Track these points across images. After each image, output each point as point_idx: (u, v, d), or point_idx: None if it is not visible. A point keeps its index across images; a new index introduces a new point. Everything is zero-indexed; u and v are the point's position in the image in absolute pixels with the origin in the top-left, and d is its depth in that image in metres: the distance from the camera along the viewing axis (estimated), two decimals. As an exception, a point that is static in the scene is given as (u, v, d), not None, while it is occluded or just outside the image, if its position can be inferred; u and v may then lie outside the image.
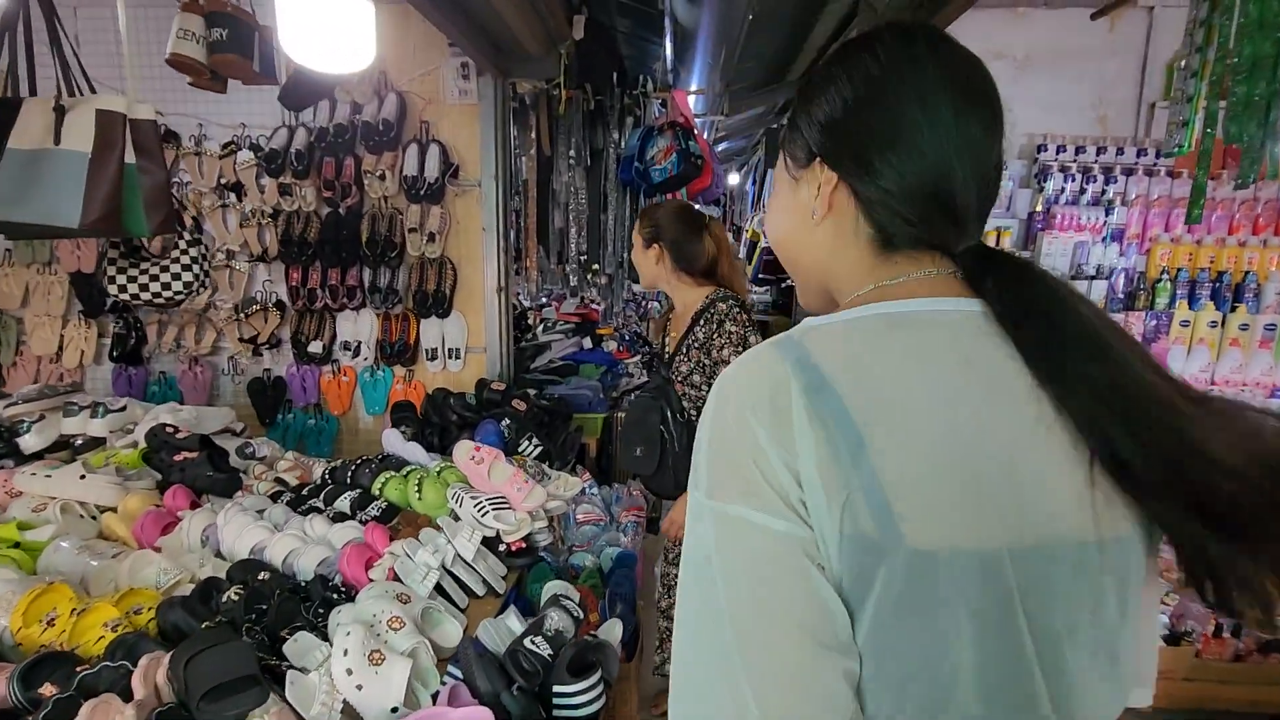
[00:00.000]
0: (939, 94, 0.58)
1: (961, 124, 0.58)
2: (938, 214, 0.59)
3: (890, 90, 0.59)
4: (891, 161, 0.59)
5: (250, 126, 3.12)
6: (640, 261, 2.04)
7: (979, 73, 0.61)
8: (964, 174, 0.58)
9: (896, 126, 0.58)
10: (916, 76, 0.59)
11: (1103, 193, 2.74)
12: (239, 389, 3.34)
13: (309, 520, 1.70)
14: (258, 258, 3.15)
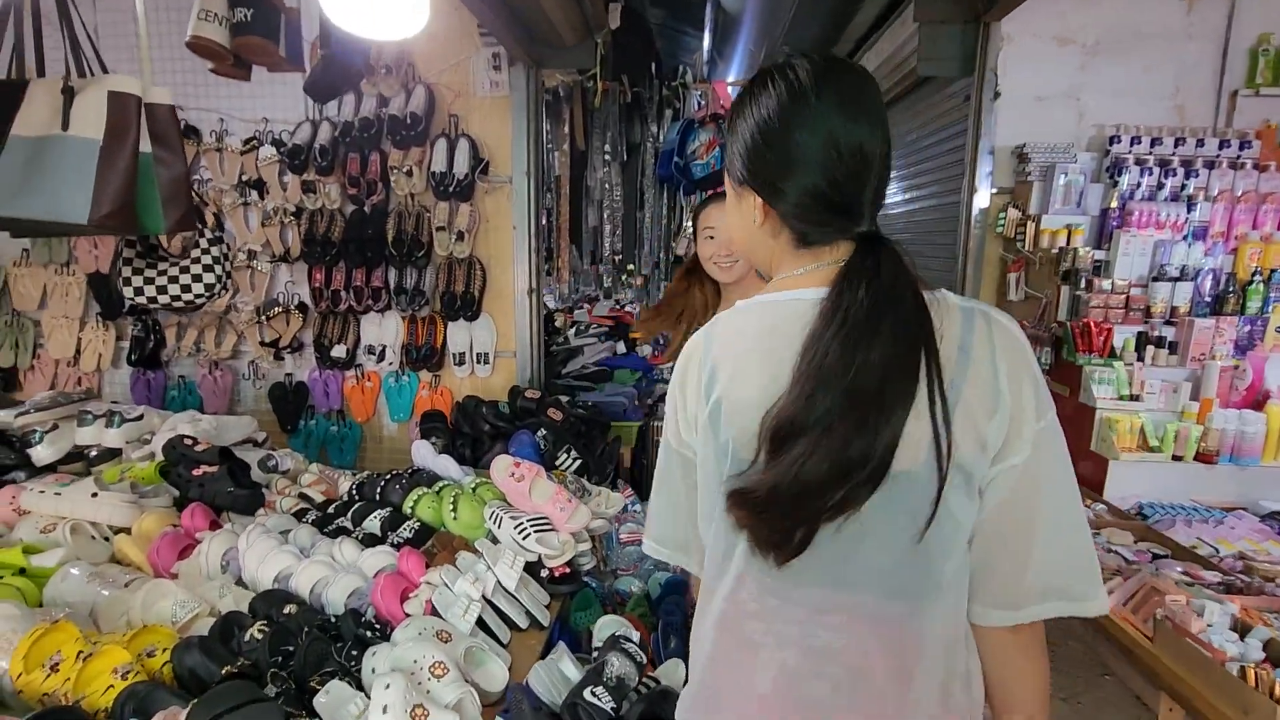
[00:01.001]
0: (822, 119, 0.75)
1: (845, 138, 0.74)
2: (834, 214, 0.78)
3: (785, 125, 0.76)
4: (792, 183, 0.77)
5: (273, 121, 2.99)
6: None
7: (858, 89, 0.77)
8: (850, 175, 0.76)
9: (790, 155, 0.76)
10: (804, 110, 0.75)
11: (1182, 187, 2.53)
12: (260, 394, 3.22)
13: (338, 544, 1.55)
14: (280, 258, 3.02)
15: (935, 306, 0.74)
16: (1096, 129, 2.75)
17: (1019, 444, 0.72)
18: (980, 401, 0.72)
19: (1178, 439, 2.14)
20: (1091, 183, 2.63)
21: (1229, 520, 1.94)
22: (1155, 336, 2.29)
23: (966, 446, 0.72)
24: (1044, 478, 0.74)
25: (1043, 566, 0.75)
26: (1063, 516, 0.75)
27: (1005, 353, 0.73)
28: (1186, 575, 1.59)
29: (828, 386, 0.70)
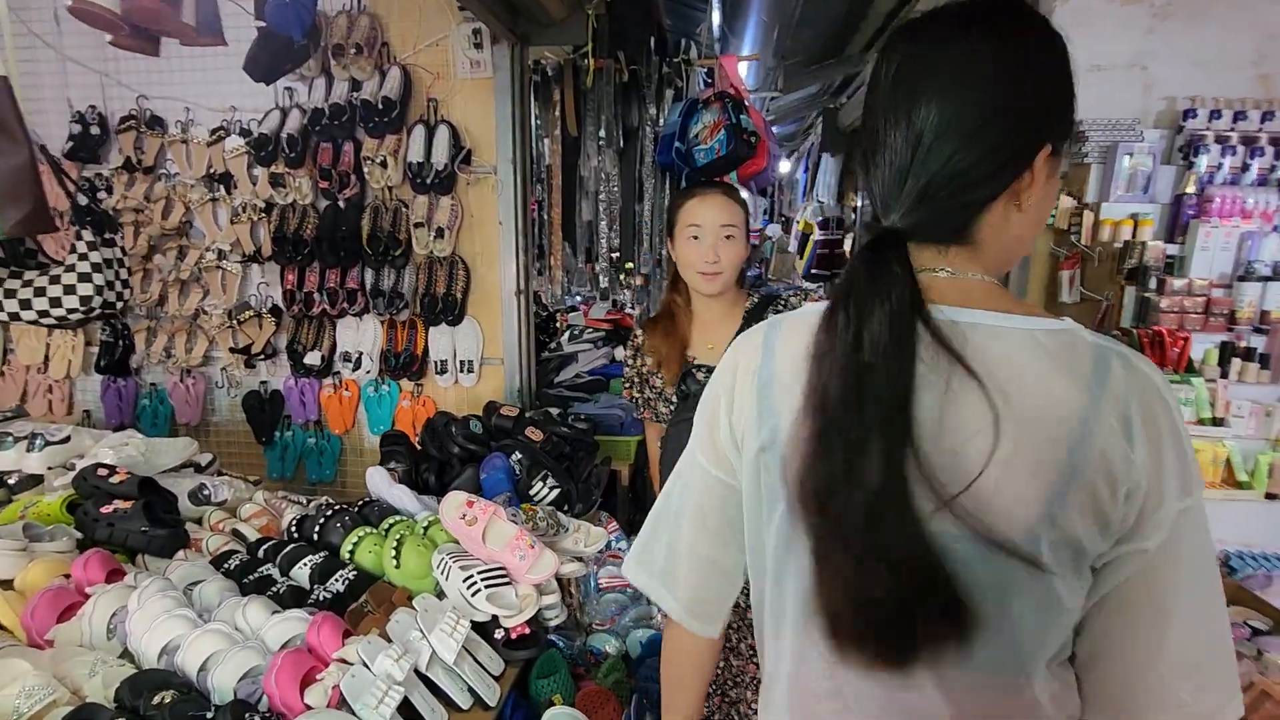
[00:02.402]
0: (881, 103, 0.66)
1: (887, 125, 0.65)
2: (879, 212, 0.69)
3: (867, 115, 0.69)
4: (870, 171, 0.68)
5: (242, 110, 2.77)
6: (742, 258, 1.59)
7: (903, 61, 0.65)
8: (890, 166, 0.66)
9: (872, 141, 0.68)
10: (877, 93, 0.67)
11: (1272, 169, 2.15)
12: (234, 403, 3.01)
13: (245, 606, 1.30)
14: (250, 257, 2.80)
15: (1051, 340, 0.61)
16: (1167, 102, 2.36)
17: (1153, 526, 0.60)
18: (1105, 469, 0.58)
19: (1272, 473, 1.77)
20: (1161, 165, 2.25)
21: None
22: (1243, 347, 1.92)
23: (1083, 519, 0.59)
24: (1180, 568, 0.61)
25: (1167, 671, 0.62)
26: (1198, 612, 0.62)
27: (1145, 412, 0.59)
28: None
29: (836, 450, 0.60)
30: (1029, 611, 0.62)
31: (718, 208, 1.57)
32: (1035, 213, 0.66)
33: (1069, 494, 0.58)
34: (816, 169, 7.15)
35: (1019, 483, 0.59)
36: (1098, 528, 0.59)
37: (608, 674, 1.52)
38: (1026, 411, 0.59)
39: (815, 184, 7.27)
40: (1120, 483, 0.58)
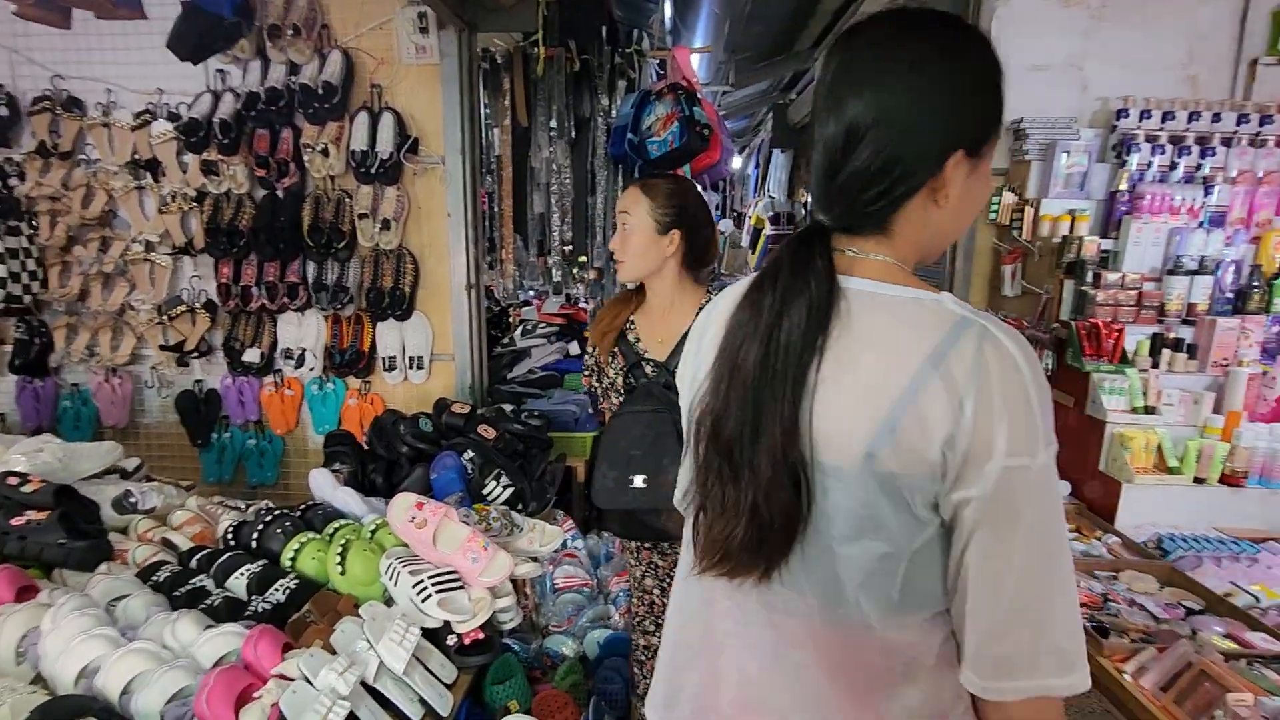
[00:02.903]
0: (817, 105, 0.74)
1: (818, 125, 0.73)
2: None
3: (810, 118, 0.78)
4: (808, 169, 0.82)
5: (169, 93, 2.61)
6: (646, 250, 1.53)
7: (835, 71, 0.72)
8: (816, 164, 0.74)
9: (810, 141, 0.82)
10: (816, 97, 0.74)
11: (1198, 167, 2.25)
12: (166, 404, 2.85)
13: (174, 621, 1.22)
14: (181, 249, 2.65)
15: (919, 309, 0.69)
16: (1101, 102, 2.45)
17: (976, 476, 0.65)
18: (934, 419, 0.65)
19: (1200, 458, 1.86)
20: (1097, 163, 2.33)
21: (1263, 557, 1.67)
22: (1172, 339, 2.01)
23: (903, 460, 0.66)
24: (1012, 525, 0.65)
25: (1005, 631, 0.67)
26: (1035, 576, 0.66)
27: (985, 378, 0.64)
28: (1232, 640, 1.32)
29: (739, 379, 0.72)
30: (858, 543, 0.70)
31: (625, 197, 1.58)
32: (955, 210, 0.73)
33: (888, 438, 0.66)
34: (767, 164, 7.22)
35: (852, 424, 0.68)
36: (918, 471, 0.66)
37: (565, 676, 1.49)
38: (872, 365, 0.68)
39: (766, 179, 7.35)
40: (939, 435, 0.65)
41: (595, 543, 2.04)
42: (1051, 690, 0.66)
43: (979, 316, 0.67)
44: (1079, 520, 1.98)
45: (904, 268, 0.73)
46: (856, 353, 0.69)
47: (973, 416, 0.64)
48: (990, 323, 0.67)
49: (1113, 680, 1.27)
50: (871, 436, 0.67)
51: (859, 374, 0.68)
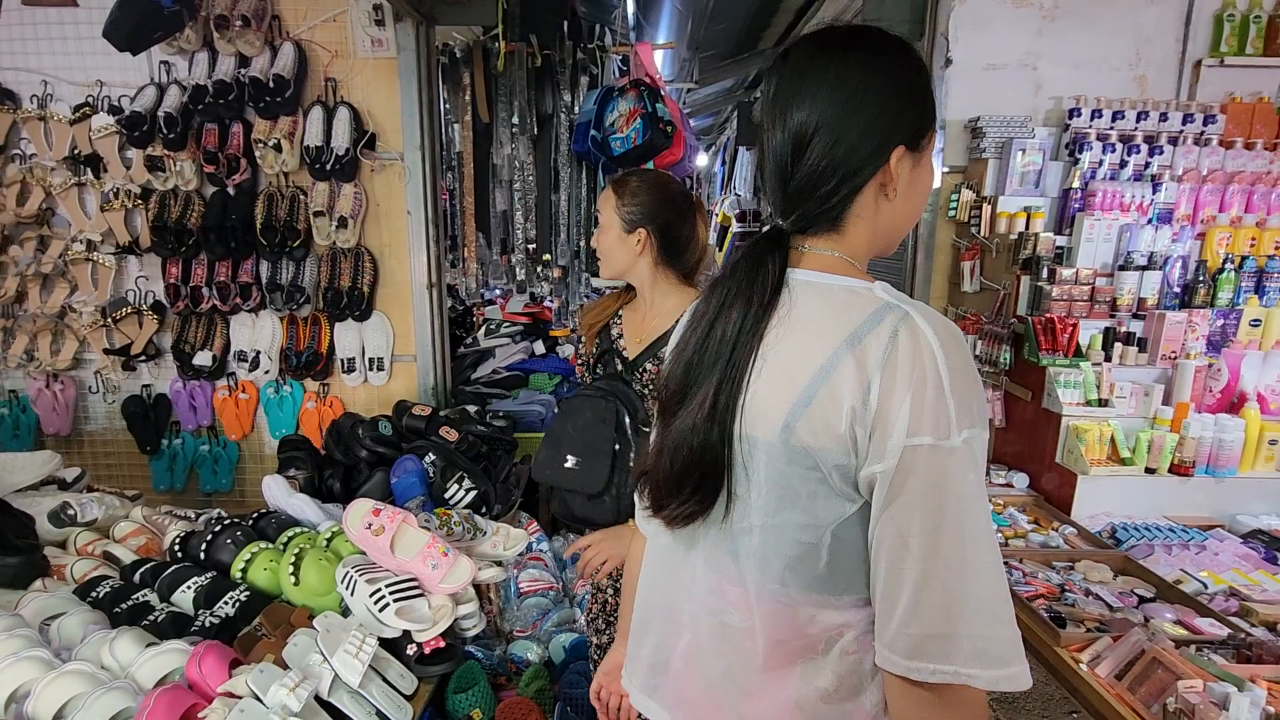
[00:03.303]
0: (764, 120, 0.79)
1: (767, 137, 0.78)
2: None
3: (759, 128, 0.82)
4: (761, 175, 0.83)
5: (110, 85, 2.51)
6: (613, 249, 1.51)
7: (775, 87, 0.78)
8: (770, 173, 0.79)
9: (760, 149, 0.81)
10: (764, 108, 0.80)
11: (1146, 165, 2.31)
12: (112, 410, 2.74)
13: (113, 640, 1.16)
14: (125, 249, 2.54)
15: (850, 296, 0.74)
16: (1054, 101, 2.50)
17: (879, 452, 0.68)
18: (843, 395, 0.69)
19: (1151, 449, 1.91)
20: (1051, 160, 2.38)
21: (1210, 544, 1.72)
22: (1123, 332, 2.06)
23: (816, 434, 0.71)
24: (916, 504, 0.67)
25: (915, 610, 0.67)
26: (943, 558, 0.66)
27: (894, 358, 0.68)
28: (1181, 626, 1.35)
29: (682, 365, 0.80)
30: (779, 514, 0.74)
31: (601, 193, 1.57)
32: (904, 202, 0.78)
33: (802, 413, 0.71)
34: (733, 162, 7.25)
35: (775, 401, 0.73)
36: (829, 446, 0.70)
37: (530, 682, 1.47)
38: (798, 347, 0.73)
39: (733, 177, 7.38)
40: (846, 411, 0.69)
41: (561, 545, 2.01)
42: (972, 680, 0.65)
43: (905, 304, 0.71)
44: (1037, 511, 2.02)
45: (851, 261, 0.78)
46: (788, 337, 0.74)
47: (878, 394, 0.67)
48: (915, 309, 0.70)
49: (1070, 670, 1.29)
50: (788, 411, 0.72)
51: (786, 356, 0.74)
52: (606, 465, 1.42)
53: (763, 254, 0.78)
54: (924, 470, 0.66)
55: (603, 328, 1.63)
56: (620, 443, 1.43)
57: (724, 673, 0.80)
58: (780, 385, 0.73)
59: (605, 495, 1.44)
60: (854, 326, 0.70)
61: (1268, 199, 2.25)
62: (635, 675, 0.92)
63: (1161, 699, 1.08)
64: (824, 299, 0.74)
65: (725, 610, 0.80)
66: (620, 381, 1.49)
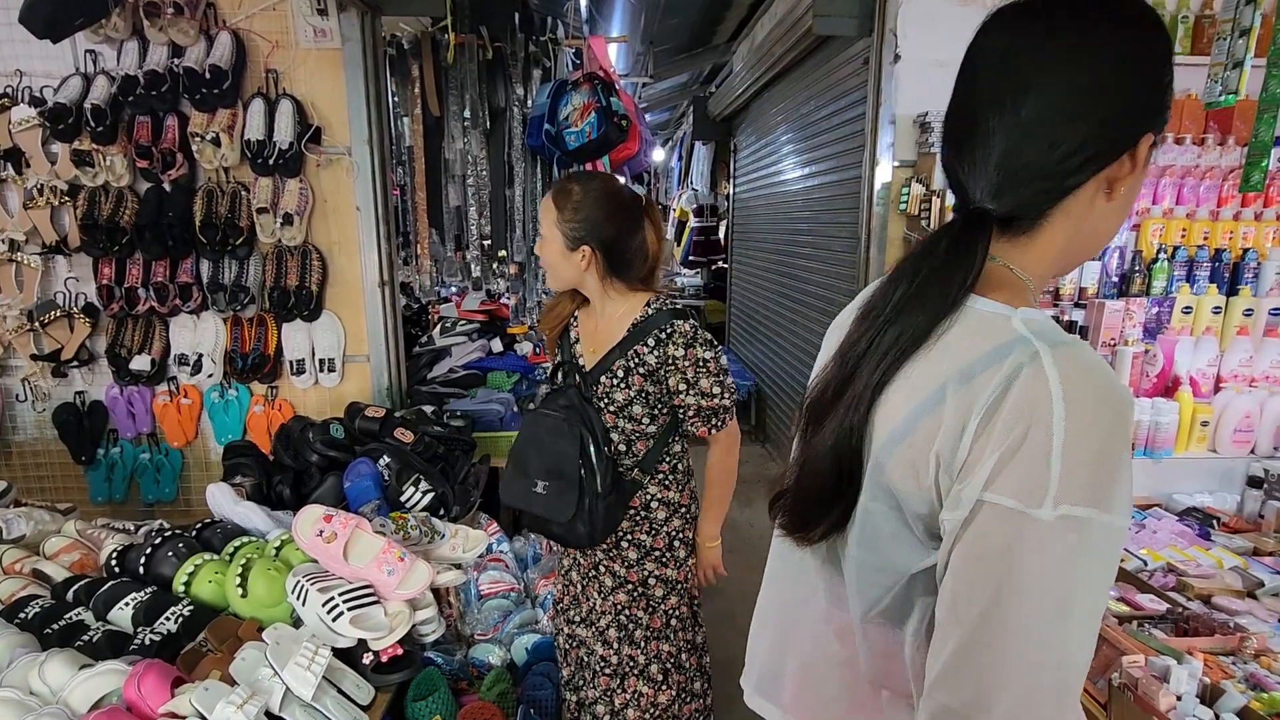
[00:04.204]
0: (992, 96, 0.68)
1: (994, 111, 0.68)
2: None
3: (964, 100, 0.72)
4: (962, 155, 0.71)
5: (30, 75, 2.36)
6: (556, 264, 1.47)
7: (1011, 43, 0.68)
8: (990, 150, 0.67)
9: (969, 126, 0.71)
10: (977, 80, 0.71)
11: (1085, 160, 2.39)
12: (43, 419, 2.59)
13: (43, 663, 1.09)
14: (53, 248, 2.41)
15: (981, 323, 0.63)
16: (999, 97, 2.57)
17: (955, 500, 0.59)
18: (936, 437, 0.61)
19: (1093, 433, 1.98)
20: (996, 155, 2.44)
21: (1149, 522, 1.80)
22: (1066, 321, 2.13)
23: (902, 477, 0.64)
24: (977, 565, 0.57)
25: (944, 677, 0.59)
26: (990, 631, 0.56)
27: (1001, 403, 0.58)
28: (1124, 602, 1.41)
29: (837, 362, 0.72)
30: (860, 549, 0.70)
31: (542, 203, 1.49)
32: (1123, 202, 0.67)
33: (893, 451, 0.64)
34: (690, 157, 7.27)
35: (878, 431, 0.67)
36: (916, 492, 0.63)
37: (492, 686, 1.44)
38: (918, 374, 0.65)
39: (690, 172, 7.40)
40: (934, 454, 0.61)
41: (522, 545, 1.98)
42: None
43: (1044, 340, 0.59)
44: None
45: (1017, 278, 0.67)
46: (918, 361, 0.65)
47: (969, 441, 0.59)
48: (1053, 350, 0.58)
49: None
50: (882, 444, 0.65)
51: (907, 382, 0.65)
52: (574, 493, 1.41)
53: (962, 248, 0.65)
54: (994, 533, 0.56)
55: (562, 331, 1.61)
56: (585, 468, 1.41)
57: (835, 696, 0.78)
58: (887, 414, 0.66)
59: (577, 520, 1.43)
60: (971, 360, 0.61)
61: (1196, 192, 2.36)
62: (749, 676, 0.91)
63: (1106, 674, 1.12)
64: (964, 322, 0.64)
65: (829, 640, 0.77)
66: (580, 397, 1.46)
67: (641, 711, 1.53)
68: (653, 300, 1.47)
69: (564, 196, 1.44)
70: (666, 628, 1.53)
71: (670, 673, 1.55)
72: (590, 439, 1.42)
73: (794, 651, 0.83)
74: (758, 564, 0.94)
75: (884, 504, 0.66)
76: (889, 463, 0.65)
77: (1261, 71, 1.45)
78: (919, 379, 0.64)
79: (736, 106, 5.20)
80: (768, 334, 4.85)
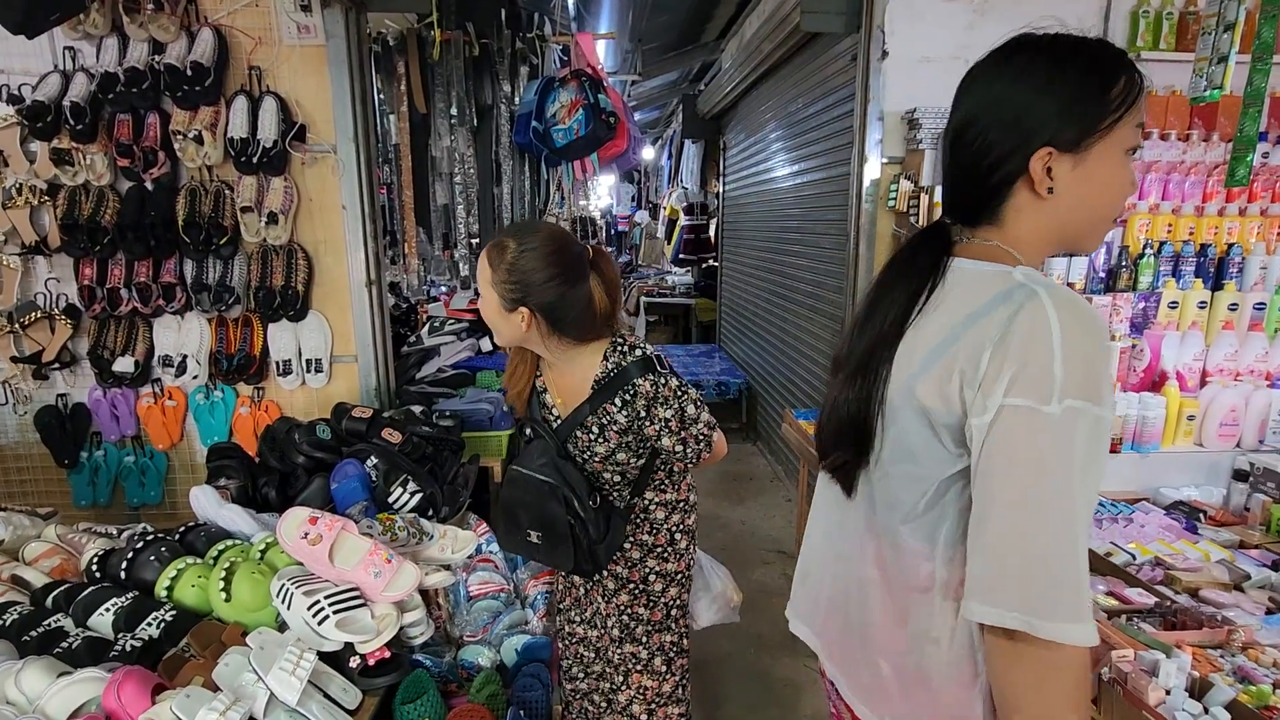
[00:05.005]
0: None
1: (946, 135, 0.93)
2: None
3: None
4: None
5: (8, 72, 2.32)
6: (495, 322, 1.40)
7: (961, 84, 0.93)
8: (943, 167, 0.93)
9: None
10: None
11: (1072, 156, 2.40)
12: (25, 422, 2.55)
13: (19, 671, 1.07)
14: (33, 248, 2.37)
15: (989, 278, 0.79)
16: (986, 94, 2.58)
17: (981, 408, 0.74)
18: (959, 360, 0.76)
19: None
20: (984, 151, 2.45)
21: (1136, 516, 1.81)
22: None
23: (930, 395, 0.79)
24: (1008, 461, 0.72)
25: (980, 553, 0.74)
26: (1021, 512, 0.71)
27: (1011, 330, 0.73)
28: (1113, 597, 1.41)
29: (850, 333, 0.93)
30: (899, 465, 0.84)
31: (479, 268, 1.40)
32: (1073, 200, 0.81)
33: (922, 376, 0.80)
34: (680, 155, 7.26)
35: (905, 363, 0.83)
36: (942, 404, 0.78)
37: (482, 688, 1.43)
38: (935, 322, 0.81)
39: (680, 170, 7.39)
40: (958, 373, 0.76)
41: (512, 545, 1.98)
42: (1032, 628, 0.68)
43: (1038, 284, 0.75)
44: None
45: (1009, 250, 0.82)
46: (931, 315, 0.82)
47: (988, 359, 0.73)
48: (1046, 290, 0.74)
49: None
50: (912, 373, 0.81)
51: (926, 330, 0.82)
52: (569, 546, 1.42)
53: (920, 244, 0.88)
54: (1016, 429, 0.71)
55: (530, 393, 1.57)
56: (574, 521, 1.41)
57: (858, 620, 0.92)
58: (913, 353, 0.82)
59: (578, 566, 1.45)
60: (983, 302, 0.77)
61: (1182, 187, 2.37)
62: (796, 605, 1.08)
63: (1096, 669, 1.12)
64: (969, 282, 0.81)
65: (866, 561, 0.91)
66: (558, 453, 1.43)
67: (647, 704, 1.55)
68: (610, 351, 1.39)
69: (499, 253, 1.34)
70: (667, 618, 1.55)
71: (673, 660, 1.57)
72: (575, 498, 1.40)
73: (831, 583, 0.99)
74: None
75: (916, 423, 0.81)
76: (919, 387, 0.80)
77: (1246, 67, 1.46)
78: (931, 329, 0.81)
79: (726, 104, 5.20)
80: (758, 331, 4.85)
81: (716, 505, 3.68)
